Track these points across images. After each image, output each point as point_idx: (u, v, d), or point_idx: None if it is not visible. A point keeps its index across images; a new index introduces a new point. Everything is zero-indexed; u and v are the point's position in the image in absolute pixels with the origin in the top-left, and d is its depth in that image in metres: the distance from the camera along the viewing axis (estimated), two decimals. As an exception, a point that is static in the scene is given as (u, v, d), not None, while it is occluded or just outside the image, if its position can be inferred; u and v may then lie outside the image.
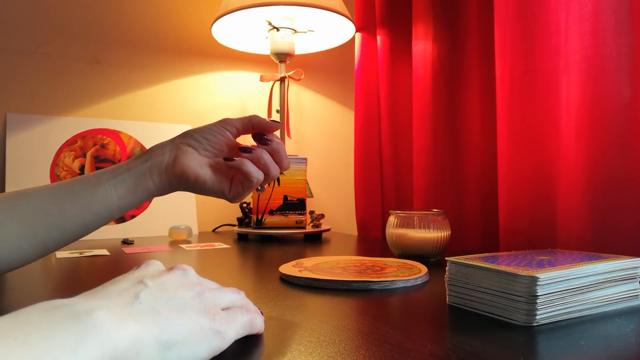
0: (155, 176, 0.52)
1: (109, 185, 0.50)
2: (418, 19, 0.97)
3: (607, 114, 0.65)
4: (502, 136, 0.77)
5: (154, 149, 0.53)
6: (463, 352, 0.33)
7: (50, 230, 0.48)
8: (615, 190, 0.64)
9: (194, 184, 0.53)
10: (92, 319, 0.24)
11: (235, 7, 1.03)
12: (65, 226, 0.49)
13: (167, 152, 0.53)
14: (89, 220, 0.50)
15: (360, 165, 1.14)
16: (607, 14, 0.65)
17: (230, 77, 1.33)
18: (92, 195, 0.49)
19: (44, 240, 0.48)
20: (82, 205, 0.49)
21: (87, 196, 0.49)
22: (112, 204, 0.50)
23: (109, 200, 0.50)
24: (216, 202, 1.29)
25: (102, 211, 0.50)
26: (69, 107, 1.14)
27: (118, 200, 0.50)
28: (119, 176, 0.51)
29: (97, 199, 0.50)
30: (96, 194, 0.50)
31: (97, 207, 0.50)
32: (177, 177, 0.52)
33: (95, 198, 0.49)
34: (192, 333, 0.29)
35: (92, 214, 0.50)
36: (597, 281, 0.43)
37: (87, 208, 0.49)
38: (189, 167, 0.52)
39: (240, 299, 0.37)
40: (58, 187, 0.49)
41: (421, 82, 0.96)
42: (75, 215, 0.49)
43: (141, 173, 0.52)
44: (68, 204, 0.49)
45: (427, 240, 0.72)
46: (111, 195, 0.50)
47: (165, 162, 0.52)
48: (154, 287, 0.31)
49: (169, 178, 0.52)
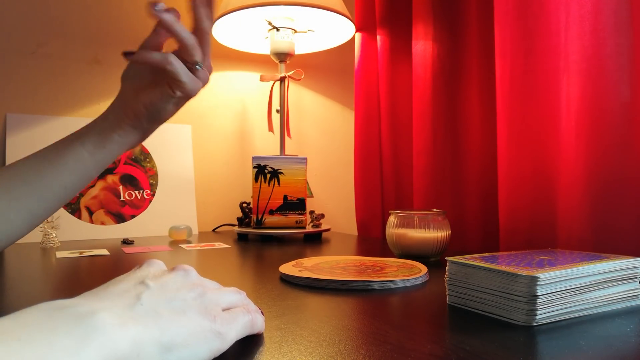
0: (116, 127, 0.54)
1: (77, 144, 0.53)
2: (418, 19, 0.97)
3: (607, 114, 0.65)
4: (502, 136, 0.77)
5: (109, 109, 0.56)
6: (463, 352, 0.33)
7: (32, 197, 0.50)
8: (615, 190, 0.65)
9: (148, 112, 0.55)
10: (94, 320, 0.24)
11: (235, 7, 1.03)
12: (46, 191, 0.51)
13: (115, 103, 0.56)
14: (68, 181, 0.52)
15: (360, 165, 1.14)
16: (607, 14, 0.65)
17: (230, 77, 1.33)
18: (64, 157, 0.52)
19: (29, 209, 0.50)
20: (57, 167, 0.51)
21: (59, 158, 0.52)
22: (86, 161, 0.53)
23: (81, 158, 0.52)
24: (216, 202, 1.29)
25: (78, 170, 0.52)
26: (69, 107, 1.14)
27: (90, 156, 0.53)
28: (83, 135, 0.53)
29: (69, 159, 0.52)
30: (67, 154, 0.52)
31: (71, 166, 0.52)
32: (133, 117, 0.55)
33: (68, 158, 0.52)
34: (193, 335, 0.29)
35: (69, 174, 0.52)
36: (597, 281, 0.43)
37: (63, 169, 0.52)
38: (134, 102, 0.54)
39: (241, 299, 0.37)
40: (32, 156, 0.52)
41: (421, 82, 0.96)
42: (52, 178, 0.51)
43: (103, 129, 0.54)
44: (43, 169, 0.51)
45: (427, 240, 0.72)
46: (81, 153, 0.53)
47: (118, 111, 0.55)
48: (155, 288, 0.31)
49: (128, 123, 0.55)
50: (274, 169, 1.04)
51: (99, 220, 1.09)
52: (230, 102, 1.33)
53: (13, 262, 0.75)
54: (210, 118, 1.29)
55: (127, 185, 1.13)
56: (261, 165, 1.04)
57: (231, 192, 1.31)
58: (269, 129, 1.19)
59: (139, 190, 1.15)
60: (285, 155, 1.08)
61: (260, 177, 1.04)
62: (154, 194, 1.16)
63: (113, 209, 1.11)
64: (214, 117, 1.30)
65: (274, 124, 1.20)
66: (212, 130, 1.30)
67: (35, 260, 0.76)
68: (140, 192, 1.15)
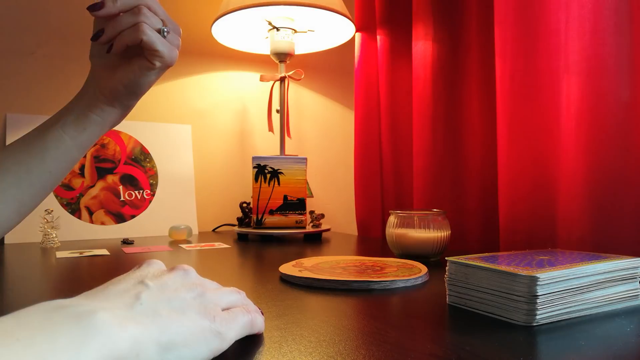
0: (93, 108, 0.53)
1: (56, 128, 0.52)
2: (418, 19, 0.97)
3: (607, 114, 0.65)
4: (502, 136, 0.77)
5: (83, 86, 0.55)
6: (463, 352, 0.33)
7: (19, 186, 0.49)
8: (615, 190, 0.65)
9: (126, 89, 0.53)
10: (94, 320, 0.24)
11: (235, 7, 1.03)
12: (31, 178, 0.50)
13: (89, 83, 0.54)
14: (53, 167, 0.51)
15: (360, 165, 1.14)
16: (607, 14, 0.65)
17: (230, 77, 1.33)
18: (44, 142, 0.51)
19: (17, 198, 0.49)
20: (39, 153, 0.51)
21: (41, 145, 0.51)
22: (67, 145, 0.52)
23: (62, 142, 0.51)
24: (216, 202, 1.29)
25: (60, 154, 0.52)
26: (69, 107, 1.14)
27: (71, 139, 0.52)
28: (61, 119, 0.52)
29: (51, 144, 0.51)
30: (47, 139, 0.51)
31: (53, 151, 0.51)
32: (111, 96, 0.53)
33: (49, 143, 0.51)
34: (192, 334, 0.29)
35: (51, 159, 0.51)
36: (597, 281, 0.43)
37: (46, 155, 0.51)
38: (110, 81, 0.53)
39: (241, 300, 0.37)
40: (13, 145, 0.51)
41: (421, 82, 0.96)
42: (36, 164, 0.50)
43: (81, 110, 0.53)
44: (25, 156, 0.50)
45: (427, 240, 0.72)
46: (62, 136, 0.52)
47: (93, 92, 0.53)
48: (155, 287, 0.31)
49: (106, 103, 0.53)
50: (274, 169, 1.04)
51: (99, 220, 1.09)
52: (230, 102, 1.33)
53: (13, 262, 0.75)
54: (210, 118, 1.29)
55: (127, 185, 1.13)
56: (261, 165, 1.04)
57: (231, 192, 1.31)
58: (269, 129, 1.19)
59: (139, 190, 1.15)
60: (285, 155, 1.08)
61: (260, 177, 1.04)
62: (154, 194, 1.16)
63: (113, 209, 1.11)
64: (214, 117, 1.30)
65: (274, 124, 1.20)
66: (212, 130, 1.30)
67: (35, 260, 0.76)
68: (140, 192, 1.15)
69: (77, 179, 1.09)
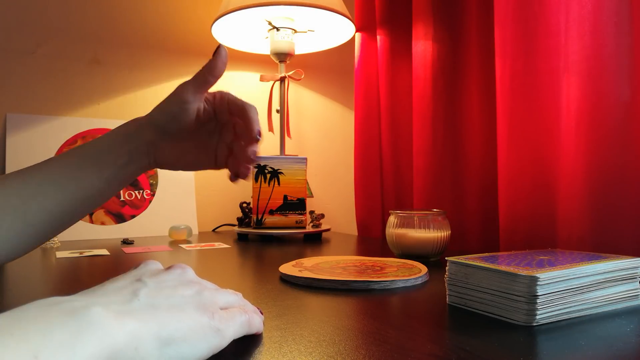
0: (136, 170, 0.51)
1: (100, 181, 0.48)
2: (418, 19, 0.97)
3: (607, 114, 0.65)
4: (502, 136, 0.77)
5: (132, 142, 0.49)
6: (463, 352, 0.33)
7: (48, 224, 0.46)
8: (615, 190, 0.65)
9: (175, 168, 0.53)
10: (90, 314, 0.24)
11: (235, 7, 1.03)
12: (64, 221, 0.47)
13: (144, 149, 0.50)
14: (86, 210, 0.49)
15: (360, 165, 1.14)
16: (607, 14, 0.65)
17: (230, 77, 1.33)
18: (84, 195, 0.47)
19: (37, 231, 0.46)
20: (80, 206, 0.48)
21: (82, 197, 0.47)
22: (106, 194, 0.49)
23: (102, 194, 0.49)
24: (216, 202, 1.29)
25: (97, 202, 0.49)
26: (69, 107, 1.14)
27: (110, 189, 0.49)
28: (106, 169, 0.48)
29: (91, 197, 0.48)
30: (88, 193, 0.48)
31: (92, 202, 0.49)
32: (161, 165, 0.52)
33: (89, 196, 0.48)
34: (191, 330, 0.29)
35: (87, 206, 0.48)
36: (597, 281, 0.43)
37: (84, 203, 0.48)
38: (172, 159, 0.52)
39: (238, 300, 0.37)
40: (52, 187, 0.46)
41: (421, 82, 0.96)
42: (73, 213, 0.48)
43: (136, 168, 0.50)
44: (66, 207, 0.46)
45: (427, 240, 0.72)
46: (104, 189, 0.49)
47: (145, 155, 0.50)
48: (152, 285, 0.31)
49: (149, 164, 0.51)
50: (274, 169, 1.04)
51: (99, 220, 1.09)
52: (230, 102, 1.33)
53: (13, 262, 0.75)
54: (210, 118, 1.29)
55: (127, 185, 1.13)
56: (261, 165, 1.04)
57: (231, 192, 1.31)
58: (269, 129, 1.19)
59: (139, 190, 1.15)
60: (285, 155, 1.08)
61: (260, 177, 1.04)
62: (154, 194, 1.16)
63: (113, 209, 1.11)
64: (214, 117, 1.30)
65: (274, 124, 1.20)
66: (212, 130, 1.30)
67: (35, 260, 0.76)
68: (140, 192, 1.15)
69: (77, 179, 1.09)
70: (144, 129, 0.50)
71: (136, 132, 0.50)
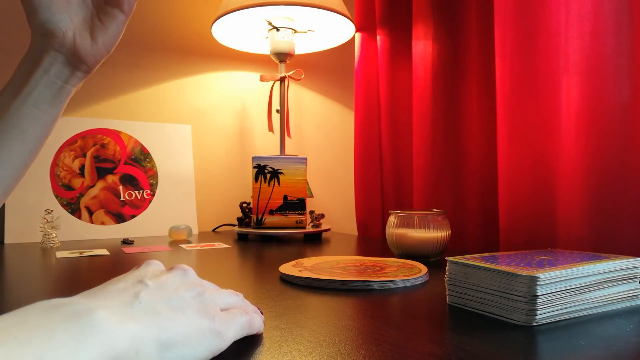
0: (69, 79, 0.50)
1: (29, 107, 0.48)
2: (418, 19, 0.97)
3: (607, 113, 0.65)
4: (502, 136, 0.77)
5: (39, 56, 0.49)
6: (463, 352, 0.33)
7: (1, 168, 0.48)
8: (615, 190, 0.65)
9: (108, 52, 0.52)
10: (92, 318, 0.24)
11: (235, 7, 1.03)
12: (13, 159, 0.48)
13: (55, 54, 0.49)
14: (32, 144, 0.49)
15: (360, 165, 1.14)
16: (607, 14, 0.65)
17: (230, 77, 1.33)
18: (20, 124, 0.48)
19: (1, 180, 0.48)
20: (18, 135, 0.48)
21: (17, 126, 0.48)
22: (44, 121, 0.49)
23: (38, 120, 0.49)
24: (216, 202, 1.29)
25: (38, 131, 0.49)
26: (69, 107, 1.14)
27: (47, 115, 0.49)
28: (29, 98, 0.48)
29: (27, 124, 0.48)
30: (23, 120, 0.48)
31: (31, 131, 0.49)
32: (94, 64, 0.51)
33: (26, 124, 0.48)
34: (192, 333, 0.29)
35: (30, 138, 0.49)
36: (597, 281, 0.43)
37: (24, 135, 0.48)
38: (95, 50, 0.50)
39: (239, 301, 0.37)
40: None
41: (421, 82, 0.96)
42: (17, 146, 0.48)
43: (50, 84, 0.49)
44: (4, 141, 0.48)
45: (427, 240, 0.72)
46: (37, 115, 0.49)
47: (67, 64, 0.50)
48: (154, 286, 0.31)
49: (83, 71, 0.51)
50: (274, 169, 1.04)
51: (99, 220, 1.09)
52: (230, 102, 1.33)
53: (13, 262, 0.75)
54: (210, 118, 1.29)
55: (127, 185, 1.13)
56: (261, 165, 1.04)
57: (231, 192, 1.31)
58: (269, 129, 1.19)
59: (139, 190, 1.15)
60: (285, 155, 1.08)
61: (260, 177, 1.04)
62: (154, 194, 1.16)
63: (113, 209, 1.11)
64: (214, 117, 1.30)
65: (274, 124, 1.20)
66: (212, 130, 1.30)
67: (35, 260, 0.76)
68: (140, 192, 1.15)
69: (77, 179, 1.09)
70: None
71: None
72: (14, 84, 0.49)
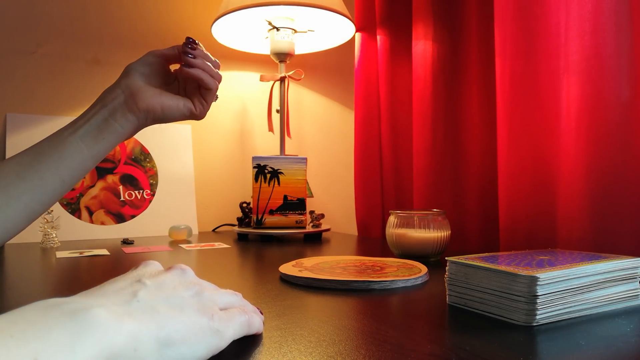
0: (119, 118, 0.54)
1: (74, 138, 0.52)
2: (418, 19, 0.97)
3: (607, 114, 0.65)
4: (502, 136, 0.77)
5: (106, 95, 0.55)
6: (463, 352, 0.33)
7: (30, 193, 0.50)
8: (615, 190, 0.65)
9: (162, 114, 0.56)
10: (90, 316, 0.24)
11: (235, 7, 1.03)
12: (43, 186, 0.50)
13: (120, 94, 0.55)
14: (66, 175, 0.52)
15: (360, 165, 1.14)
16: (607, 14, 0.65)
17: (230, 77, 1.33)
18: (61, 152, 0.51)
19: (26, 204, 0.50)
20: (54, 162, 0.51)
21: (56, 153, 0.51)
22: (83, 155, 0.52)
23: (78, 152, 0.52)
24: (216, 202, 1.29)
25: (75, 164, 0.52)
26: (69, 107, 1.14)
27: (88, 150, 0.53)
28: (80, 129, 0.53)
29: (66, 153, 0.51)
30: (64, 149, 0.51)
31: (68, 161, 0.51)
32: (144, 112, 0.55)
33: (65, 153, 0.51)
34: (191, 331, 0.29)
35: (66, 168, 0.51)
36: (597, 281, 0.43)
37: (60, 164, 0.51)
38: (152, 100, 0.55)
39: (238, 301, 0.37)
40: (27, 151, 0.51)
41: (421, 82, 0.96)
42: (50, 173, 0.51)
43: (103, 120, 0.54)
44: (40, 164, 0.50)
45: (427, 240, 0.72)
46: (79, 147, 0.52)
47: (123, 103, 0.54)
48: (152, 286, 0.31)
49: (135, 115, 0.55)
50: (274, 169, 1.04)
51: (99, 220, 1.09)
52: (230, 102, 1.33)
53: (13, 262, 0.75)
54: (210, 118, 1.29)
55: (127, 185, 1.13)
56: (261, 165, 1.04)
57: (231, 192, 1.31)
58: (269, 129, 1.19)
59: (139, 190, 1.15)
60: (285, 155, 1.08)
61: (260, 177, 1.04)
62: (154, 194, 1.16)
63: (113, 209, 1.11)
64: (214, 117, 1.30)
65: (274, 124, 1.20)
66: (212, 130, 1.30)
67: (35, 260, 0.76)
68: (140, 192, 1.15)
69: (77, 179, 1.09)
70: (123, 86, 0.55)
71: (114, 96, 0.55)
72: (80, 116, 0.55)
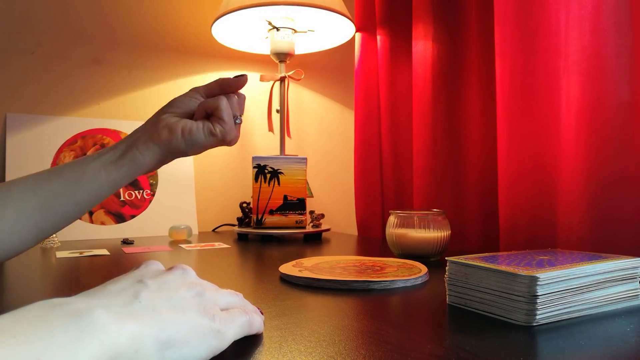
0: (140, 145, 0.54)
1: (95, 163, 0.52)
2: (418, 19, 0.97)
3: (607, 113, 0.65)
4: (502, 136, 0.77)
5: (136, 129, 0.57)
6: (463, 352, 0.33)
7: (42, 211, 0.49)
8: (615, 190, 0.65)
9: (182, 139, 0.55)
10: (91, 317, 0.24)
11: (235, 7, 1.03)
12: (56, 206, 0.50)
13: (145, 124, 0.56)
14: (81, 198, 0.51)
15: (360, 165, 1.14)
16: (607, 14, 0.65)
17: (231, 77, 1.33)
18: (80, 173, 0.51)
19: (37, 222, 0.49)
20: (71, 184, 0.50)
21: (75, 175, 0.51)
22: (101, 180, 0.52)
23: (97, 176, 0.52)
24: (216, 202, 1.29)
25: (92, 188, 0.51)
26: (69, 107, 1.14)
27: (107, 175, 0.52)
28: (103, 155, 0.53)
29: (85, 175, 0.51)
30: (84, 171, 0.51)
31: (85, 184, 0.51)
32: (165, 139, 0.54)
33: (84, 175, 0.51)
34: (192, 332, 0.29)
35: (81, 191, 0.51)
36: (597, 281, 0.43)
37: (76, 186, 0.51)
38: (170, 119, 0.55)
39: (239, 301, 0.37)
40: (46, 171, 0.51)
41: (421, 82, 0.96)
42: (66, 194, 0.50)
43: (126, 147, 0.54)
44: (57, 184, 0.50)
45: (427, 240, 0.72)
46: (99, 171, 0.52)
47: (146, 131, 0.55)
48: (153, 286, 0.31)
49: (156, 144, 0.54)
50: (274, 169, 1.04)
51: (99, 220, 1.09)
52: (230, 102, 1.33)
53: (13, 262, 0.75)
54: (210, 118, 1.29)
55: (127, 185, 1.13)
56: (261, 165, 1.04)
57: (231, 192, 1.31)
58: (269, 129, 1.19)
59: (139, 190, 1.15)
60: (285, 155, 1.08)
61: (260, 177, 1.04)
62: (154, 194, 1.16)
63: (113, 209, 1.11)
64: (214, 117, 1.30)
65: (274, 124, 1.20)
66: (212, 130, 1.30)
67: (35, 260, 0.76)
68: (140, 192, 1.15)
69: (77, 179, 1.09)
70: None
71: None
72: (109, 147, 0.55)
